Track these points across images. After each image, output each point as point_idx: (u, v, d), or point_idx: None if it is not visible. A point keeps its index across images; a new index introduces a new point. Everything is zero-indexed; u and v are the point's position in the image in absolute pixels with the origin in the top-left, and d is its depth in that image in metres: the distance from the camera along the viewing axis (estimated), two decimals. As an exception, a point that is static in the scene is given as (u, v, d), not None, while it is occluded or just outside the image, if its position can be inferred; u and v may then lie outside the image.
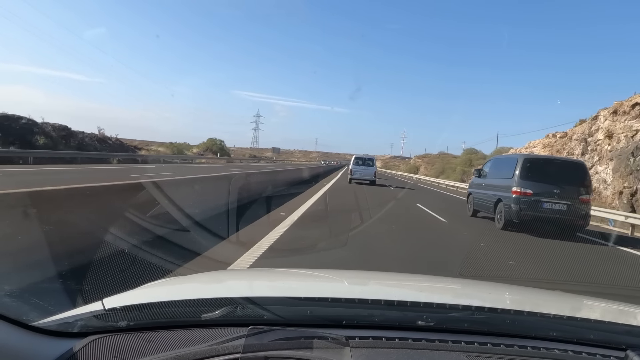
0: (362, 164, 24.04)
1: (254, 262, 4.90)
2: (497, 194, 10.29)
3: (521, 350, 1.13)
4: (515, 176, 9.61)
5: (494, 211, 10.37)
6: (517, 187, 9.47)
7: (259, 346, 1.02)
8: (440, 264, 5.84)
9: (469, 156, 50.00)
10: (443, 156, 73.85)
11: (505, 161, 11.16)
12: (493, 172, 11.37)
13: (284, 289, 1.62)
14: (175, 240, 5.35)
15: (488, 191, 11.08)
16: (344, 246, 6.08)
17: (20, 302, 1.24)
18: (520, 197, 9.39)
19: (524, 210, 9.36)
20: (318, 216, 9.71)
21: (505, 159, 11.78)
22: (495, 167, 11.52)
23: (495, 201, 10.36)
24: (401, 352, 1.07)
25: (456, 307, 1.29)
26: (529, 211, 9.35)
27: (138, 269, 4.13)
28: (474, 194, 12.26)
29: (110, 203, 5.00)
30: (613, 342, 1.20)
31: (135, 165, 25.11)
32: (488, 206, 10.91)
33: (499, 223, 10.04)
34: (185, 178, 9.39)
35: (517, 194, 9.43)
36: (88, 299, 1.43)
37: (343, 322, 1.21)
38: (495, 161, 12.17)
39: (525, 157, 10.20)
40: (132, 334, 1.11)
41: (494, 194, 10.57)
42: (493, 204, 10.45)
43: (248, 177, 11.57)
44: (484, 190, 11.54)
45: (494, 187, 10.75)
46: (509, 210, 9.58)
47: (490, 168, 11.76)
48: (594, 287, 5.42)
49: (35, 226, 3.60)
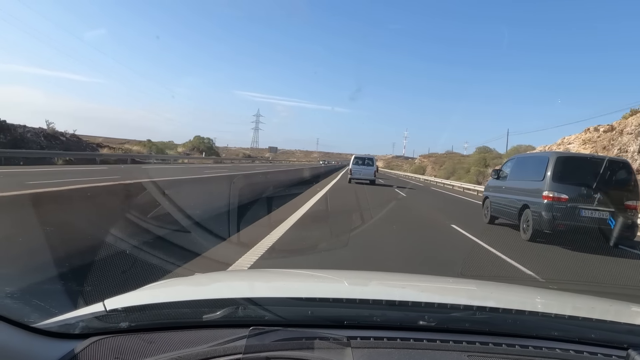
0: (362, 163, 24.04)
1: (254, 263, 4.90)
2: (523, 199, 8.94)
3: (523, 349, 1.13)
4: (547, 178, 8.22)
5: (518, 219, 9.01)
6: (549, 192, 8.12)
7: (260, 347, 1.02)
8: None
9: (482, 155, 45.63)
10: (451, 155, 69.98)
11: (533, 160, 9.72)
12: (516, 173, 9.94)
13: (285, 290, 1.62)
14: (176, 241, 5.35)
15: (510, 195, 9.68)
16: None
17: (22, 304, 1.24)
18: (554, 203, 8.02)
19: (558, 218, 7.96)
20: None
21: (531, 158, 10.27)
22: (519, 167, 10.06)
23: (519, 207, 9.00)
24: (403, 352, 1.07)
25: (457, 307, 1.29)
26: (564, 220, 7.95)
27: (139, 269, 4.13)
28: (492, 198, 10.76)
29: (110, 204, 5.00)
30: (615, 342, 1.20)
31: (78, 167, 20.92)
32: (510, 213, 9.56)
33: (524, 233, 8.67)
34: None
35: (549, 199, 8.07)
36: (89, 300, 1.43)
37: (344, 322, 1.21)
38: (518, 160, 10.58)
39: (559, 156, 8.65)
40: (134, 335, 1.10)
41: (518, 198, 9.20)
42: (517, 210, 9.09)
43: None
44: (504, 194, 10.04)
45: (517, 191, 9.37)
46: (539, 219, 8.18)
47: (512, 168, 10.27)
48: (595, 286, 5.42)
49: (36, 227, 3.60)
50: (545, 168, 8.42)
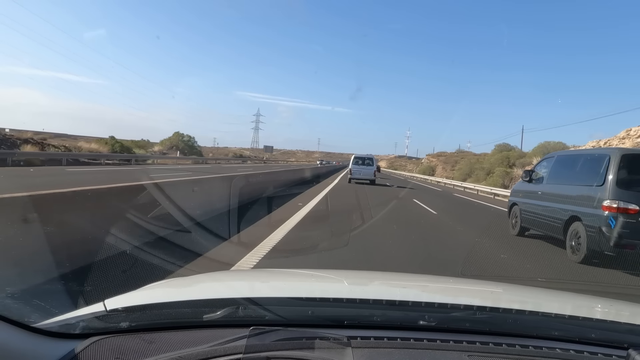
0: (362, 163, 24.03)
1: (255, 263, 4.90)
2: (570, 209, 7.05)
3: (523, 349, 1.13)
4: (608, 182, 6.34)
5: (563, 233, 7.13)
6: (611, 201, 6.18)
7: (260, 346, 1.02)
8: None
9: (505, 153, 38.02)
10: (463, 154, 62.96)
11: (583, 159, 7.67)
12: (558, 175, 8.00)
13: (286, 289, 1.62)
14: (177, 241, 5.36)
15: (550, 203, 7.78)
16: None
17: (22, 304, 1.24)
18: (619, 215, 6.06)
19: (626, 237, 5.98)
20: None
21: (581, 156, 8.06)
22: (561, 167, 8.11)
23: (565, 219, 7.08)
24: (403, 352, 1.07)
25: (458, 307, 1.29)
26: (635, 238, 6.01)
27: (139, 269, 4.14)
28: (522, 206, 8.87)
29: (111, 205, 5.00)
30: (615, 341, 1.20)
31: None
32: (550, 225, 7.68)
33: (574, 253, 6.74)
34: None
35: (611, 210, 6.14)
36: (90, 300, 1.43)
37: (345, 322, 1.21)
38: (560, 159, 8.41)
39: (625, 153, 6.66)
40: (134, 335, 1.11)
41: (562, 208, 7.29)
42: (561, 223, 7.18)
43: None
44: (541, 201, 8.14)
45: (561, 198, 7.47)
46: (597, 236, 6.25)
47: (552, 169, 8.28)
48: (596, 286, 5.42)
49: (37, 228, 3.61)
50: (604, 169, 6.53)
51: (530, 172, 9.08)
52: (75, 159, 25.82)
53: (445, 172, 54.15)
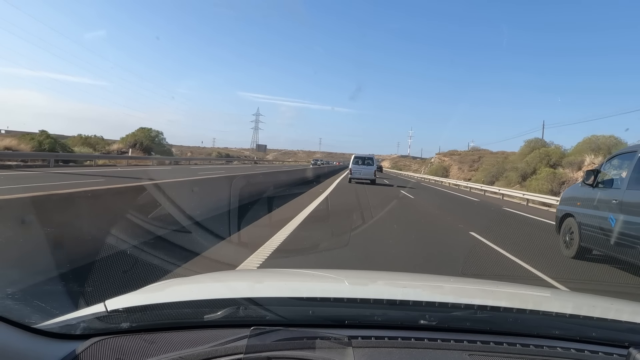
0: (362, 163, 24.00)
1: (255, 264, 4.90)
2: None
3: (524, 348, 1.13)
4: None
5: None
6: None
7: (261, 347, 1.02)
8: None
9: (544, 150, 29.84)
10: (480, 152, 53.90)
11: None
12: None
13: (286, 289, 1.61)
14: (177, 241, 5.36)
15: (629, 217, 5.51)
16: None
17: (23, 305, 1.24)
18: None
19: None
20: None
21: None
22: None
23: None
24: (404, 352, 1.07)
25: (458, 306, 1.29)
26: None
27: (139, 270, 4.14)
28: (583, 218, 6.65)
29: (111, 205, 5.00)
30: (616, 340, 1.20)
31: None
32: (628, 246, 5.43)
33: None
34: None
35: None
36: (90, 300, 1.43)
37: (345, 322, 1.21)
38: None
39: None
40: (135, 335, 1.11)
41: None
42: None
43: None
44: (616, 213, 5.80)
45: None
46: None
47: (633, 171, 5.78)
48: (596, 285, 5.41)
49: (37, 228, 3.61)
50: None
51: (595, 172, 6.68)
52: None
53: (462, 173, 46.35)
